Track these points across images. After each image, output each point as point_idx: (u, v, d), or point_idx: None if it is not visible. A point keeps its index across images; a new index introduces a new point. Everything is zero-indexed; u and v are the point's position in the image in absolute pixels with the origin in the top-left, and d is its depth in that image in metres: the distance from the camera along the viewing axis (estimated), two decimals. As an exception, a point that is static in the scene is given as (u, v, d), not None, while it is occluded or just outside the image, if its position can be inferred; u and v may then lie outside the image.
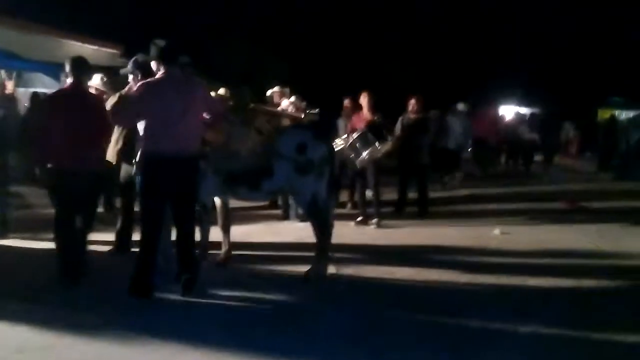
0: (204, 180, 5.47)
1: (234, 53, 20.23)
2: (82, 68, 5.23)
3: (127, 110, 4.88)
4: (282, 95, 8.40)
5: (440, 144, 11.77)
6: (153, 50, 4.85)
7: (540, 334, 4.28)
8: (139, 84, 4.91)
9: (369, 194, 8.17)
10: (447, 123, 12.27)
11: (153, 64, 4.86)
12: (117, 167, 5.88)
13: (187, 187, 4.88)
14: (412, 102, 9.07)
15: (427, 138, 9.28)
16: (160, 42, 4.83)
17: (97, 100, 5.64)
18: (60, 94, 5.46)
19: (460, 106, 13.08)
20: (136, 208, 5.49)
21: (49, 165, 5.06)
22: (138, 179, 4.91)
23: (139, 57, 5.37)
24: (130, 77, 5.43)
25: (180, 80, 4.83)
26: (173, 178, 4.73)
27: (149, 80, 4.84)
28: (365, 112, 7.97)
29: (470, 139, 13.22)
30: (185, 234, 4.95)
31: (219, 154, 5.47)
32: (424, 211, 8.92)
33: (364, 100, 8.07)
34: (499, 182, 14.14)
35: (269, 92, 8.55)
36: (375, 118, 7.79)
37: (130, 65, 5.43)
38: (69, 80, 5.22)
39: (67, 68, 5.20)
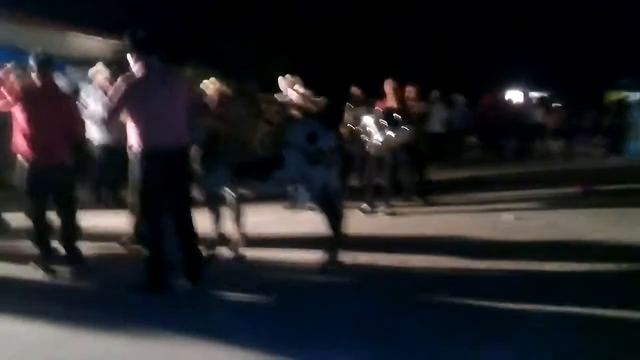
0: (215, 172, 5.46)
1: (240, 45, 20.14)
2: (49, 62, 5.36)
3: (112, 106, 4.75)
4: (293, 84, 8.33)
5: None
6: (129, 42, 4.76)
7: (557, 319, 4.22)
8: (123, 79, 4.79)
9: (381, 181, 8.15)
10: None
11: (130, 56, 4.79)
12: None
13: (180, 179, 4.87)
14: (409, 89, 8.97)
15: (425, 126, 9.24)
16: (137, 33, 4.75)
17: (65, 94, 5.83)
18: (30, 88, 5.42)
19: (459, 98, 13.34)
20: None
21: (19, 159, 5.22)
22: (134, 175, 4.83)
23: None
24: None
25: (162, 72, 4.78)
26: (167, 171, 4.71)
27: (131, 75, 4.76)
28: (389, 99, 7.95)
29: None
30: (184, 226, 4.92)
31: (229, 146, 5.44)
32: (426, 198, 8.89)
33: (387, 87, 8.05)
34: (505, 165, 14.13)
35: (280, 81, 8.49)
36: (398, 105, 7.76)
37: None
38: (34, 75, 5.29)
39: (33, 62, 5.28)
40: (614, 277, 5.23)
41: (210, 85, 6.86)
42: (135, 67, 4.78)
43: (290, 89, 8.13)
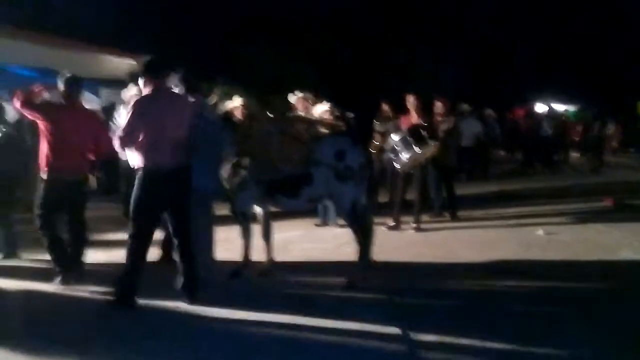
0: (245, 190, 5.55)
1: (268, 63, 20.34)
2: (75, 82, 5.74)
3: (126, 129, 4.80)
4: (306, 101, 8.36)
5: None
6: (140, 66, 4.95)
7: (588, 337, 4.18)
8: (132, 101, 4.96)
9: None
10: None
11: (140, 81, 4.92)
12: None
13: (182, 198, 4.95)
14: (438, 105, 8.96)
15: (454, 140, 9.15)
16: (147, 58, 4.96)
17: (91, 113, 6.19)
18: (56, 106, 5.74)
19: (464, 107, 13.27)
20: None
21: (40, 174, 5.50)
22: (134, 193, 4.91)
23: (182, 71, 5.46)
24: (176, 89, 5.48)
25: (170, 94, 4.96)
26: (169, 191, 4.83)
27: (140, 97, 4.92)
28: (413, 115, 7.97)
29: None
30: (184, 244, 4.99)
31: (258, 164, 5.52)
32: (455, 213, 8.84)
33: (410, 103, 8.08)
34: (534, 179, 14.01)
35: (292, 99, 8.54)
36: (421, 122, 7.77)
37: (175, 80, 5.49)
38: (61, 94, 5.67)
39: (60, 82, 5.67)
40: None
41: (237, 104, 6.99)
42: (145, 89, 4.91)
43: (304, 106, 8.15)
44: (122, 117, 7.84)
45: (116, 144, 4.91)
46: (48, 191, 5.50)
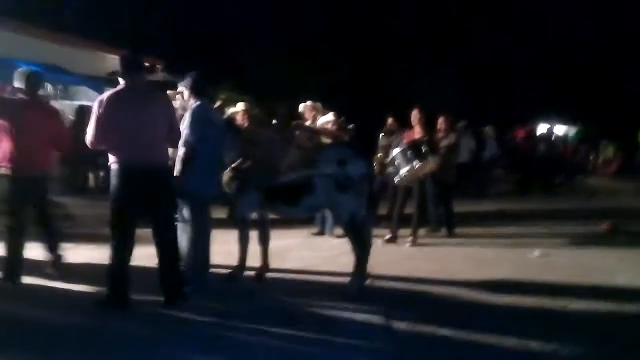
0: (245, 196, 5.57)
1: (273, 69, 20.44)
2: (35, 78, 5.70)
3: (93, 127, 4.75)
4: (314, 110, 8.39)
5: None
6: (120, 64, 4.89)
7: (581, 358, 4.19)
8: (99, 97, 4.88)
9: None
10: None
11: (121, 80, 4.87)
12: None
13: (158, 197, 4.85)
14: (440, 120, 8.98)
15: (454, 156, 9.16)
16: (128, 55, 4.90)
17: (51, 109, 6.13)
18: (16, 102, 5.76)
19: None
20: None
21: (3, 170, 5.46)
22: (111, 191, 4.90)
23: (194, 74, 5.49)
24: (186, 92, 5.49)
25: (140, 92, 4.83)
26: (144, 189, 4.74)
27: (108, 94, 4.83)
28: (417, 129, 8.00)
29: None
30: (164, 245, 4.92)
31: (259, 170, 5.54)
32: (451, 229, 8.86)
33: (414, 117, 8.11)
34: (532, 199, 14.04)
35: (300, 107, 8.58)
36: (423, 136, 7.80)
37: (185, 82, 5.51)
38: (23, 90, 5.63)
39: (24, 83, 5.59)
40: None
41: (241, 109, 7.04)
42: (120, 86, 4.85)
43: (311, 114, 8.20)
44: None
45: (88, 142, 4.85)
46: (12, 188, 5.46)
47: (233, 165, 5.66)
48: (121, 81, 4.84)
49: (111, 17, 18.66)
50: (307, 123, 8.06)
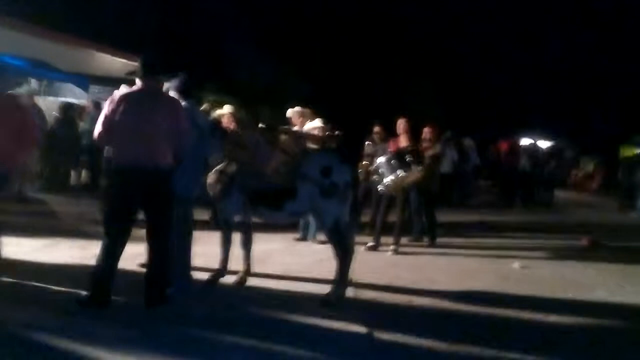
0: (229, 198, 5.54)
1: (259, 73, 20.41)
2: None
3: (102, 124, 4.80)
4: (302, 115, 8.38)
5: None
6: (139, 62, 4.91)
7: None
8: (112, 95, 4.91)
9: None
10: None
11: (137, 80, 4.89)
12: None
13: (154, 199, 4.82)
14: (426, 130, 9.00)
15: (438, 167, 9.20)
16: (146, 58, 4.92)
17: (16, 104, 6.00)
18: None
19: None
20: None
21: None
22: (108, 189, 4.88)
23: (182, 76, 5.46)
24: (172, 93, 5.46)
25: (156, 95, 4.85)
26: (140, 191, 4.73)
27: (122, 91, 4.87)
28: (402, 139, 8.03)
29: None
30: (156, 247, 4.89)
31: (243, 173, 5.52)
32: (433, 239, 8.88)
33: (400, 127, 8.14)
34: (513, 212, 14.17)
35: (289, 112, 8.57)
36: (408, 145, 7.84)
37: (173, 82, 5.47)
38: None
39: None
40: (618, 335, 5.19)
41: (227, 112, 7.01)
42: (134, 87, 4.88)
43: (300, 120, 8.20)
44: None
45: (95, 139, 4.86)
46: None
47: (218, 168, 5.63)
48: (138, 82, 4.87)
49: (98, 16, 18.55)
50: (295, 128, 8.05)
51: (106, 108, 4.80)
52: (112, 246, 4.77)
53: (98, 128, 4.81)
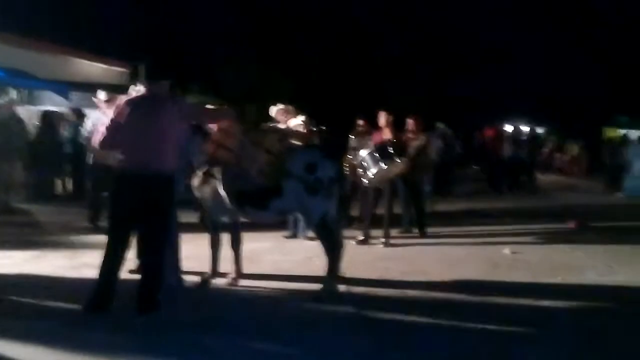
0: (215, 200, 5.51)
1: (243, 72, 20.35)
2: None
3: (108, 129, 4.78)
4: (287, 113, 8.36)
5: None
6: (144, 67, 4.92)
7: (554, 355, 4.24)
8: (117, 101, 4.91)
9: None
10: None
11: (140, 84, 4.90)
12: None
13: (155, 204, 4.78)
14: (410, 122, 8.96)
15: (424, 157, 9.15)
16: (149, 63, 4.94)
17: None
18: None
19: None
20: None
21: None
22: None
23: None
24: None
25: (155, 98, 4.82)
26: (143, 197, 4.70)
27: (127, 97, 4.89)
28: (385, 132, 8.04)
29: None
30: (150, 254, 4.86)
31: (229, 173, 5.48)
32: (423, 229, 8.91)
33: (382, 119, 8.14)
34: (500, 198, 14.23)
35: (273, 110, 8.54)
36: (391, 137, 7.84)
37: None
38: None
39: None
40: (609, 316, 5.24)
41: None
42: (136, 93, 4.87)
43: (284, 117, 8.18)
44: (92, 121, 7.79)
45: (96, 145, 4.85)
46: None
47: (202, 169, 5.59)
48: (141, 88, 4.88)
49: (75, 20, 18.37)
50: (281, 126, 8.02)
51: (112, 114, 4.79)
52: (112, 254, 4.76)
53: (102, 134, 4.77)
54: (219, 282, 5.74)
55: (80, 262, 6.36)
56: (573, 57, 29.15)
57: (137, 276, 4.90)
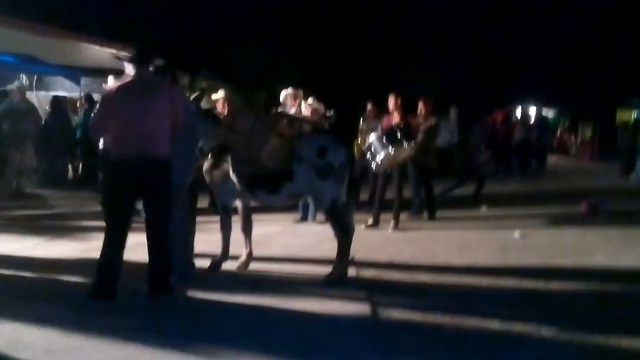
0: (226, 184, 5.54)
1: (253, 57, 20.30)
2: None
3: (96, 117, 4.83)
4: (296, 97, 8.37)
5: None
6: (130, 53, 4.91)
7: (563, 338, 4.25)
8: (108, 87, 4.92)
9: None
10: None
11: (128, 67, 4.86)
12: None
13: (153, 189, 4.78)
14: (420, 105, 8.88)
15: (434, 141, 9.11)
16: (136, 48, 4.91)
17: None
18: None
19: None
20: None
21: None
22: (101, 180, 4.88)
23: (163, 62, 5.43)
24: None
25: (147, 83, 4.80)
26: (138, 181, 4.71)
27: (117, 83, 4.89)
28: (394, 115, 8.01)
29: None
30: (155, 238, 4.84)
31: (240, 157, 5.50)
32: (433, 214, 8.90)
33: (391, 103, 8.11)
34: (511, 182, 14.16)
35: (282, 94, 8.55)
36: (400, 121, 7.81)
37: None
38: None
39: None
40: (619, 299, 5.24)
41: (221, 97, 6.98)
42: (126, 77, 4.85)
43: (293, 102, 8.18)
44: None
45: (90, 132, 4.88)
46: None
47: (213, 154, 5.61)
48: (130, 72, 4.85)
49: (85, 7, 18.37)
50: (291, 110, 8.04)
51: (102, 100, 4.80)
52: (114, 237, 4.77)
53: (94, 120, 4.81)
54: (229, 265, 5.78)
55: (92, 246, 6.39)
56: (584, 37, 28.74)
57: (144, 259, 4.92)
